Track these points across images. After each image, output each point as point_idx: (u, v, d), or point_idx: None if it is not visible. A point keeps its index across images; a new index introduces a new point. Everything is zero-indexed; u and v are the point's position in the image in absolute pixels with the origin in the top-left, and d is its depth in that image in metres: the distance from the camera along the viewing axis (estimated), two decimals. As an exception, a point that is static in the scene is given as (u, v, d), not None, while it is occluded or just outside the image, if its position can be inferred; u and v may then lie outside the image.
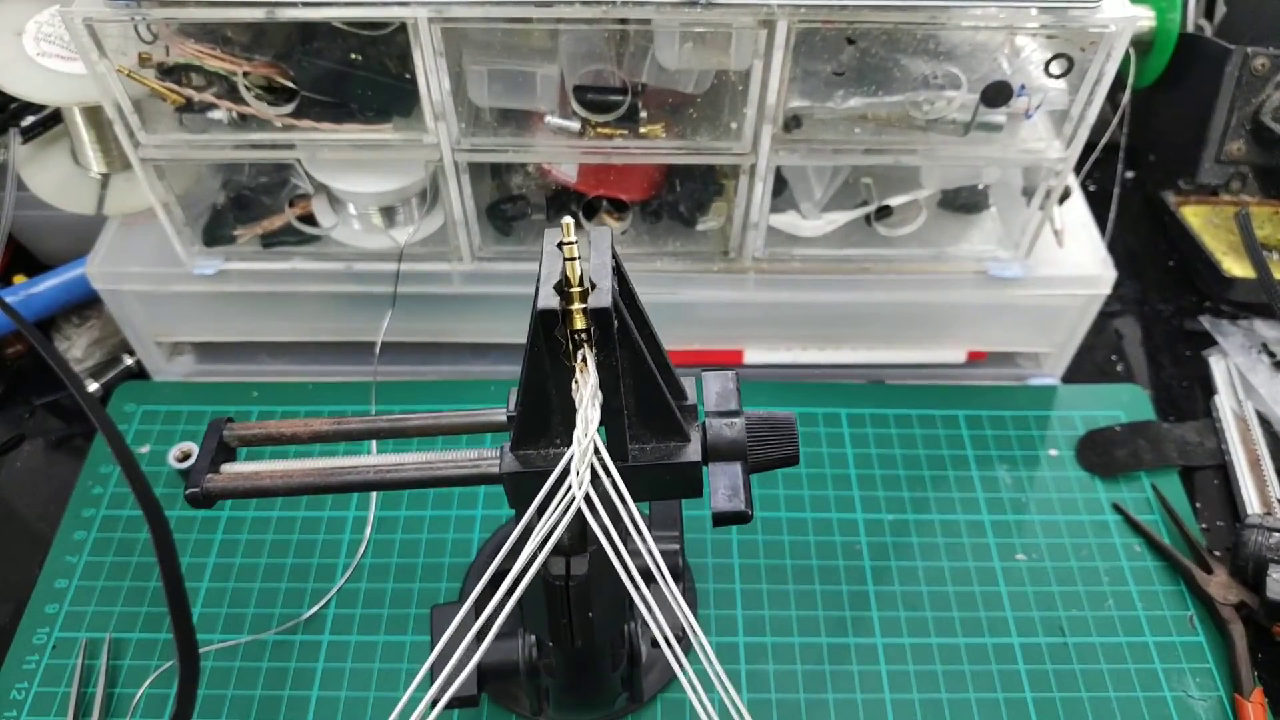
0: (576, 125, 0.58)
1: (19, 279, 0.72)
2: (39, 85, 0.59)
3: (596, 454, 0.32)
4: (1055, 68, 0.56)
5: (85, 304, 0.72)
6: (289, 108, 0.57)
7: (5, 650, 0.57)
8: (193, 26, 0.54)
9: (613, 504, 0.33)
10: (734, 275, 0.66)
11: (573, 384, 0.34)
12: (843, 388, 0.71)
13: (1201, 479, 0.66)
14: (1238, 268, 0.74)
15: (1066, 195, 0.68)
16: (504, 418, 0.41)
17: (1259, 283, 0.70)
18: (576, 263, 0.32)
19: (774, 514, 0.63)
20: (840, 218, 0.65)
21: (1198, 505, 0.65)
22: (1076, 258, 0.66)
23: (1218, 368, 0.72)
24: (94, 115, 0.63)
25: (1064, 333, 0.69)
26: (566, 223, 0.31)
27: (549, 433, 0.37)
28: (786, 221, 0.64)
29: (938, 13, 0.52)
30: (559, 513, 0.32)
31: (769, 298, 0.66)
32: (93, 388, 0.70)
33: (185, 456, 0.63)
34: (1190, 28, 0.74)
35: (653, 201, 0.64)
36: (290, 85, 0.56)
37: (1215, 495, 0.65)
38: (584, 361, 0.33)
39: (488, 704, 0.55)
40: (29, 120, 0.66)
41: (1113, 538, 0.63)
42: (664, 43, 0.54)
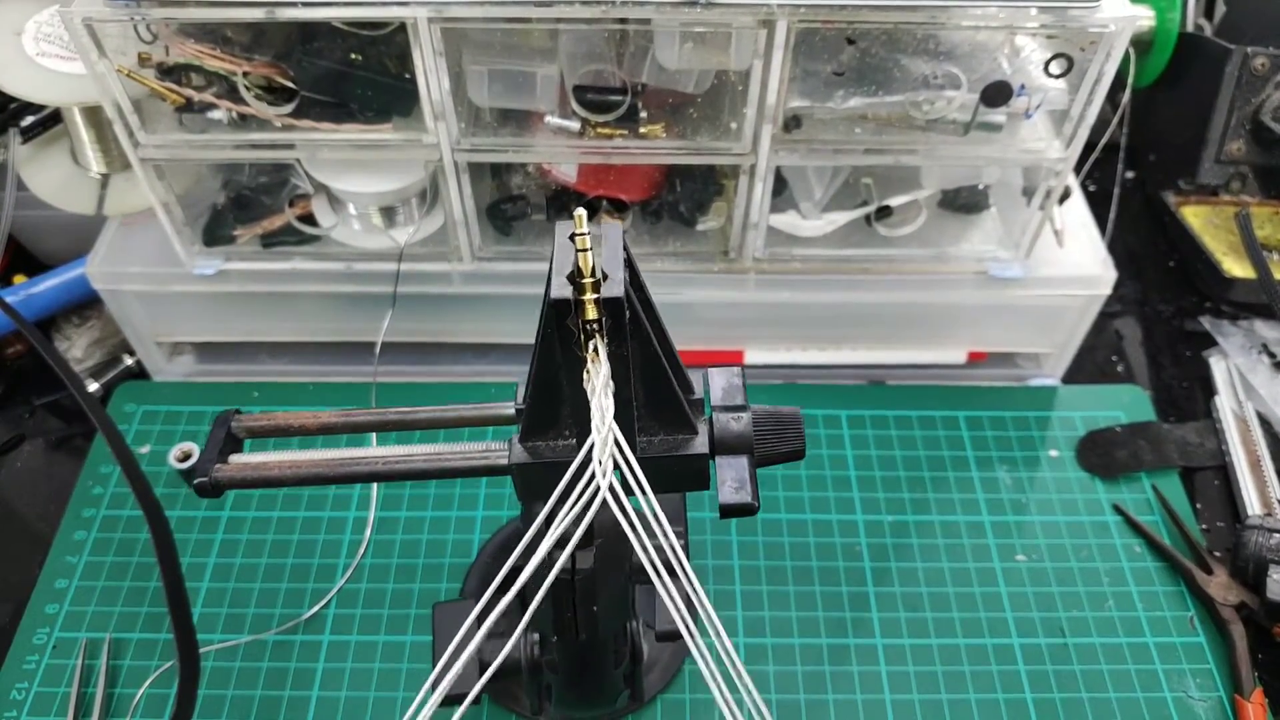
0: (576, 125, 0.58)
1: (19, 279, 0.71)
2: (39, 85, 0.59)
3: (615, 444, 0.32)
4: (1055, 68, 0.56)
5: (85, 304, 0.72)
6: (289, 108, 0.57)
7: (5, 650, 0.57)
8: (193, 26, 0.54)
9: (629, 494, 0.33)
10: (734, 275, 0.66)
11: (584, 374, 0.34)
12: (842, 389, 0.71)
13: (1202, 480, 0.66)
14: (1238, 268, 0.74)
15: (1066, 195, 0.68)
16: (511, 411, 0.41)
17: (1259, 283, 0.70)
18: (589, 254, 0.32)
19: (774, 516, 0.63)
20: (840, 218, 0.65)
21: (1198, 506, 0.65)
22: (1076, 258, 0.66)
23: (1218, 368, 0.72)
24: (94, 115, 0.63)
25: (1064, 333, 0.69)
26: (580, 214, 0.31)
27: (558, 424, 0.37)
28: (786, 221, 0.64)
29: (938, 13, 0.52)
30: (582, 503, 0.32)
31: (769, 298, 0.66)
32: (93, 388, 0.70)
33: (186, 456, 0.63)
34: (1190, 28, 0.74)
35: (653, 202, 0.64)
36: (290, 85, 0.56)
37: (1215, 496, 0.65)
38: (595, 352, 0.33)
39: (488, 703, 0.55)
40: (29, 120, 0.66)
41: (1113, 538, 0.63)
42: (664, 43, 0.54)
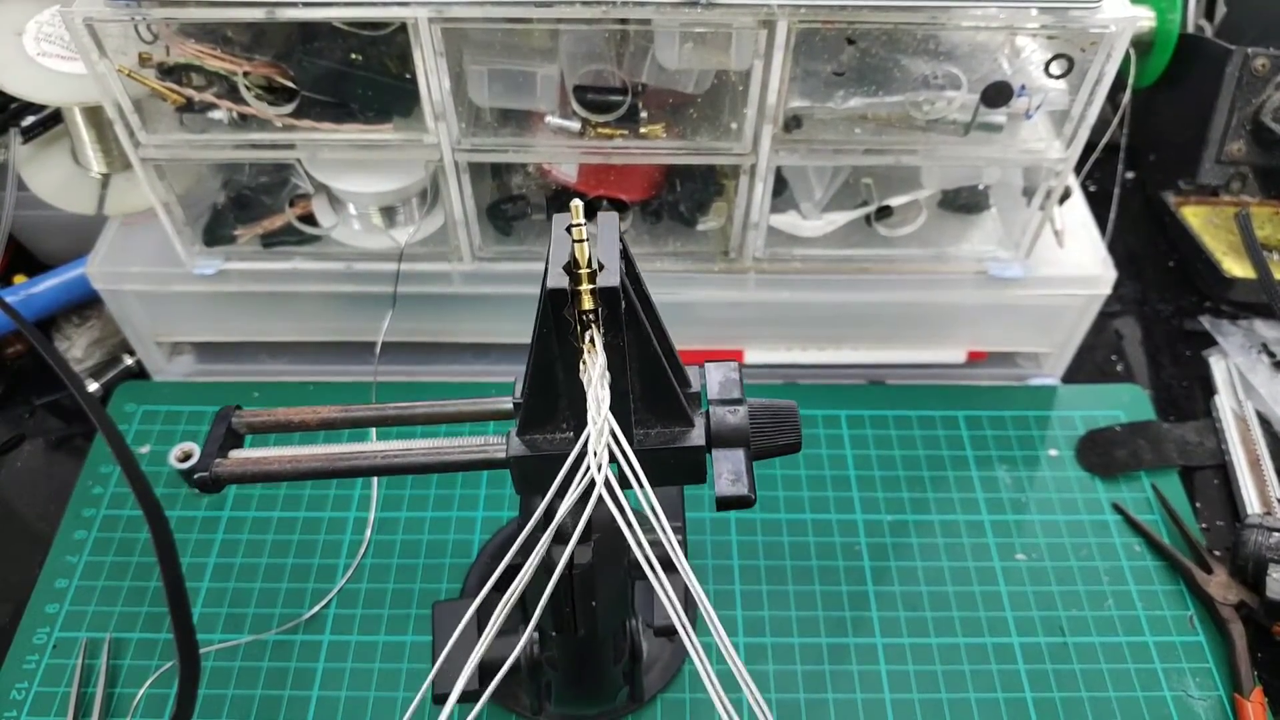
0: (576, 125, 0.58)
1: (19, 279, 0.71)
2: (39, 85, 0.59)
3: (611, 435, 0.32)
4: (1055, 68, 0.56)
5: (85, 304, 0.72)
6: (289, 108, 0.57)
7: (5, 650, 0.57)
8: (193, 26, 0.54)
9: (625, 487, 0.33)
10: (734, 275, 0.66)
11: (580, 365, 0.34)
12: (842, 389, 0.71)
13: (1201, 479, 0.66)
14: (1238, 268, 0.74)
15: (1067, 195, 0.68)
16: (510, 405, 0.41)
17: (1259, 283, 0.70)
18: (585, 244, 0.32)
19: (773, 515, 0.63)
20: (840, 218, 0.65)
21: (1198, 505, 0.65)
22: (1076, 258, 0.66)
23: (1218, 368, 0.72)
24: (94, 115, 0.63)
25: (1064, 333, 0.69)
26: (576, 205, 0.31)
27: (556, 417, 0.37)
28: (787, 221, 0.64)
29: (938, 13, 0.52)
30: (578, 494, 0.32)
31: (769, 298, 0.66)
32: (93, 388, 0.70)
33: (186, 456, 0.63)
34: (1190, 28, 0.74)
35: (653, 202, 0.64)
36: (290, 85, 0.56)
37: (1215, 495, 0.65)
38: (592, 342, 0.33)
39: (487, 704, 0.55)
40: (29, 120, 0.66)
41: (1113, 538, 0.63)
42: (664, 43, 0.54)
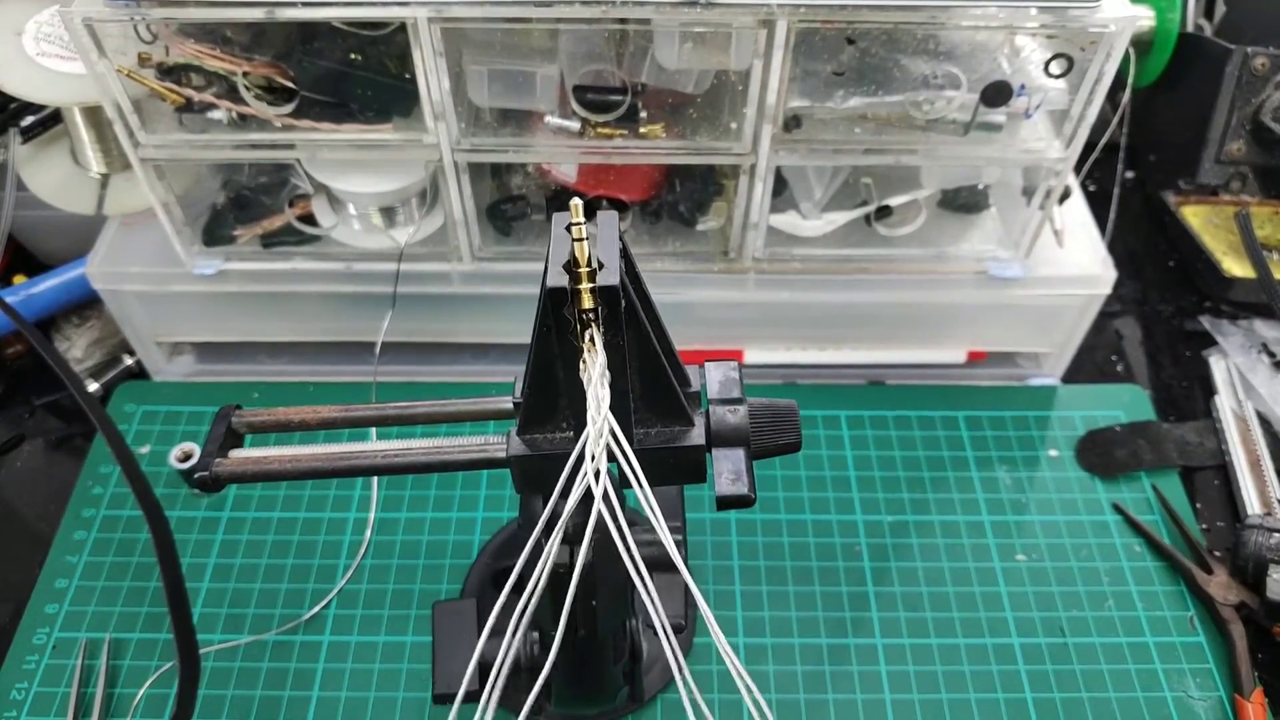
0: (576, 125, 0.58)
1: (19, 279, 0.71)
2: (39, 85, 0.59)
3: (611, 434, 0.32)
4: (1055, 68, 0.56)
5: (85, 304, 0.71)
6: (289, 108, 0.57)
7: (5, 650, 0.57)
8: (193, 26, 0.54)
9: (625, 486, 0.32)
10: (734, 275, 0.66)
11: (580, 364, 0.34)
12: (842, 389, 0.71)
13: (1202, 479, 0.66)
14: (1238, 268, 0.74)
15: (1066, 195, 0.68)
16: (510, 405, 0.41)
17: (1259, 283, 0.70)
18: (585, 244, 0.32)
19: (773, 516, 0.63)
20: (840, 218, 0.65)
21: (1198, 505, 0.65)
22: (1076, 258, 0.66)
23: (1218, 368, 0.72)
24: (94, 115, 0.63)
25: (1064, 333, 0.69)
26: (575, 204, 0.31)
27: (556, 416, 0.37)
28: (786, 221, 0.64)
29: (938, 13, 0.52)
30: (581, 495, 0.32)
31: (769, 298, 0.66)
32: (93, 388, 0.70)
33: (186, 457, 0.63)
34: (1190, 28, 0.74)
35: (653, 202, 0.64)
36: (290, 85, 0.56)
37: (1215, 495, 0.65)
38: (592, 341, 0.33)
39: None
40: (29, 120, 0.66)
41: (1113, 538, 0.63)
42: (664, 43, 0.54)
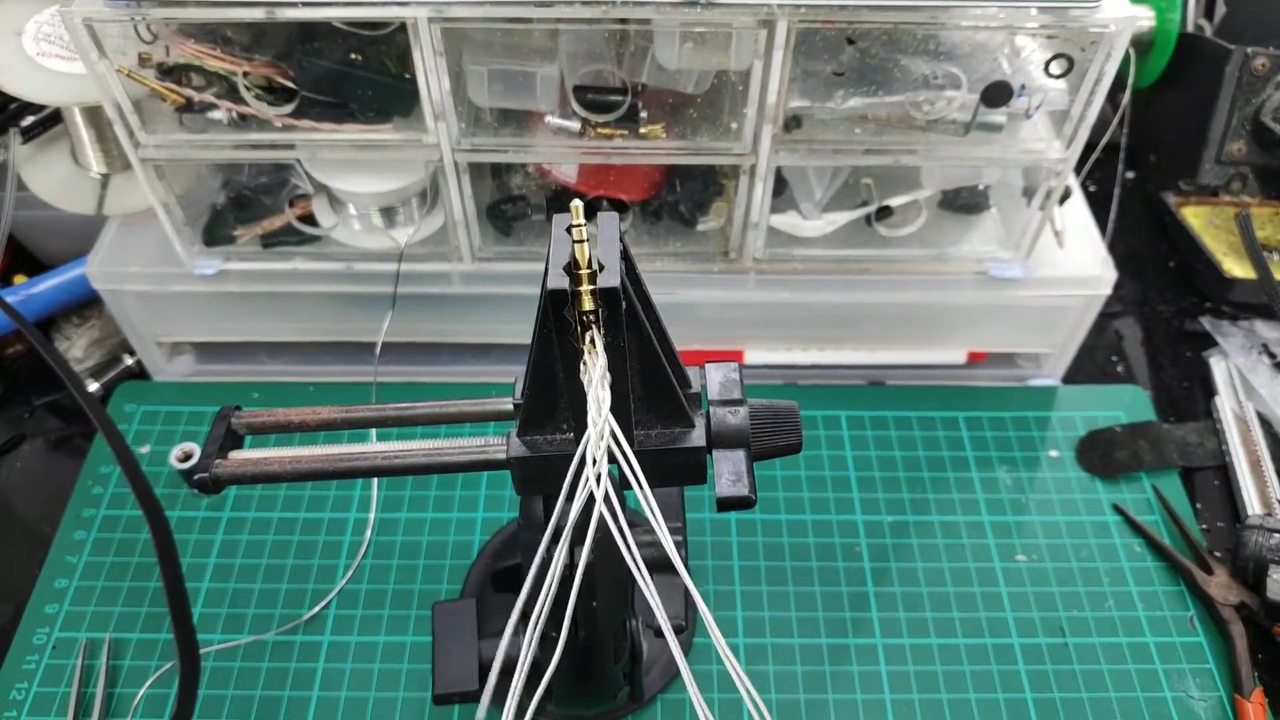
0: (576, 125, 0.58)
1: (19, 279, 0.71)
2: (39, 85, 0.59)
3: (612, 436, 0.32)
4: (1055, 68, 0.56)
5: (85, 304, 0.71)
6: (289, 108, 0.57)
7: (5, 650, 0.57)
8: (193, 26, 0.54)
9: (625, 487, 0.32)
10: (734, 275, 0.66)
11: (581, 366, 0.34)
12: (842, 389, 0.71)
13: (1202, 480, 0.66)
14: (1238, 268, 0.74)
15: (1067, 196, 0.68)
16: (510, 406, 0.41)
17: (1259, 283, 0.70)
18: (585, 245, 0.32)
19: (774, 516, 0.63)
20: (840, 218, 0.65)
21: (1198, 506, 0.65)
22: (1077, 258, 0.66)
23: (1218, 368, 0.72)
24: (94, 115, 0.63)
25: (1064, 333, 0.69)
26: (576, 205, 0.31)
27: (556, 418, 0.37)
28: (786, 222, 0.64)
29: (938, 13, 0.52)
30: (585, 497, 0.32)
31: (769, 298, 0.66)
32: (93, 388, 0.70)
33: (186, 457, 0.63)
34: (1190, 28, 0.74)
35: (653, 202, 0.64)
36: (290, 85, 0.56)
37: (1216, 496, 0.65)
38: (592, 343, 0.33)
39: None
40: (29, 120, 0.66)
41: (1113, 538, 0.63)
42: (664, 43, 0.54)
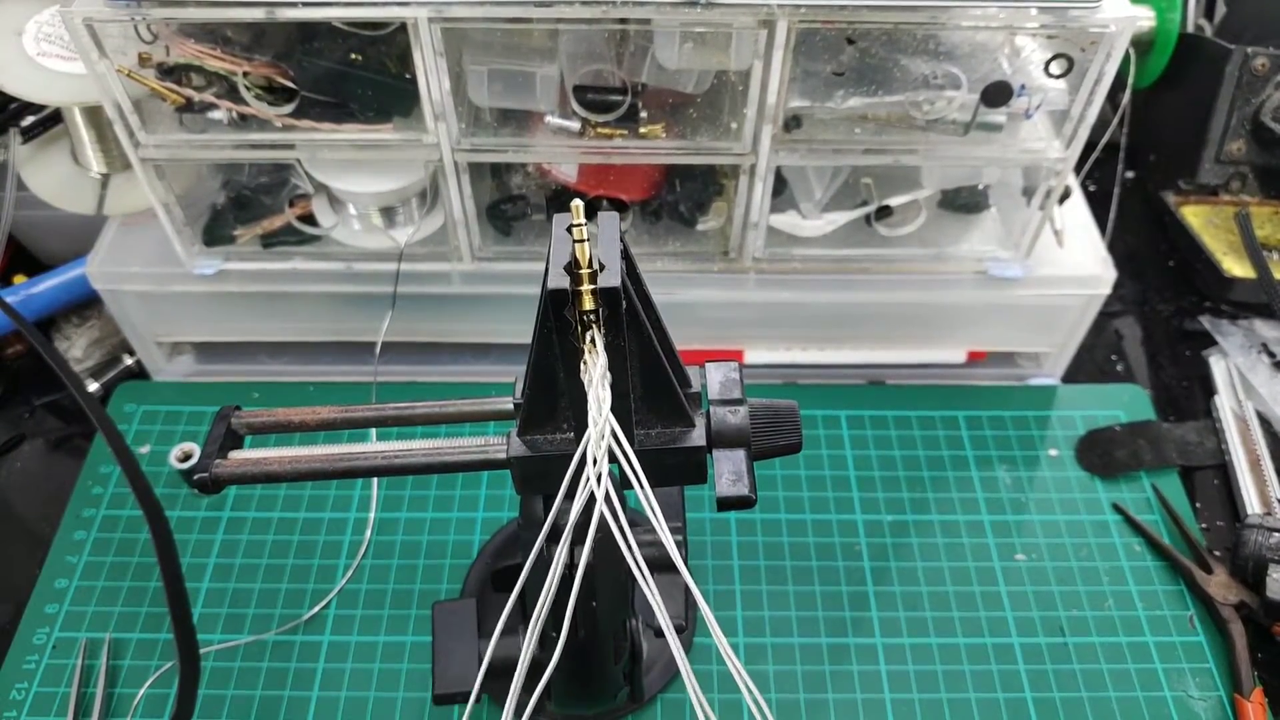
0: (576, 125, 0.58)
1: (19, 279, 0.71)
2: (39, 85, 0.59)
3: (612, 435, 0.32)
4: (1055, 68, 0.56)
5: (85, 304, 0.71)
6: (289, 108, 0.57)
7: (5, 650, 0.57)
8: (193, 26, 0.54)
9: (626, 487, 0.32)
10: (734, 275, 0.66)
11: (581, 366, 0.34)
12: (842, 389, 0.71)
13: (1201, 479, 0.66)
14: (1238, 268, 0.74)
15: (1066, 195, 0.68)
16: (510, 405, 0.41)
17: (1259, 283, 0.70)
18: (586, 244, 0.32)
19: (773, 516, 0.63)
20: (840, 218, 0.65)
21: (1198, 505, 0.65)
22: (1076, 258, 0.66)
23: (1218, 368, 0.72)
24: (94, 115, 0.63)
25: (1064, 333, 0.69)
26: (576, 205, 0.31)
27: (556, 417, 0.37)
28: (786, 221, 0.64)
29: (938, 13, 0.52)
30: (586, 498, 0.32)
31: (769, 298, 0.66)
32: (93, 388, 0.70)
33: (186, 457, 0.63)
34: (1190, 28, 0.74)
35: (653, 201, 0.64)
36: (290, 85, 0.56)
37: (1215, 495, 0.65)
38: (593, 343, 0.33)
39: (487, 703, 0.55)
40: (29, 120, 0.66)
41: (1113, 538, 0.63)
42: (664, 43, 0.54)
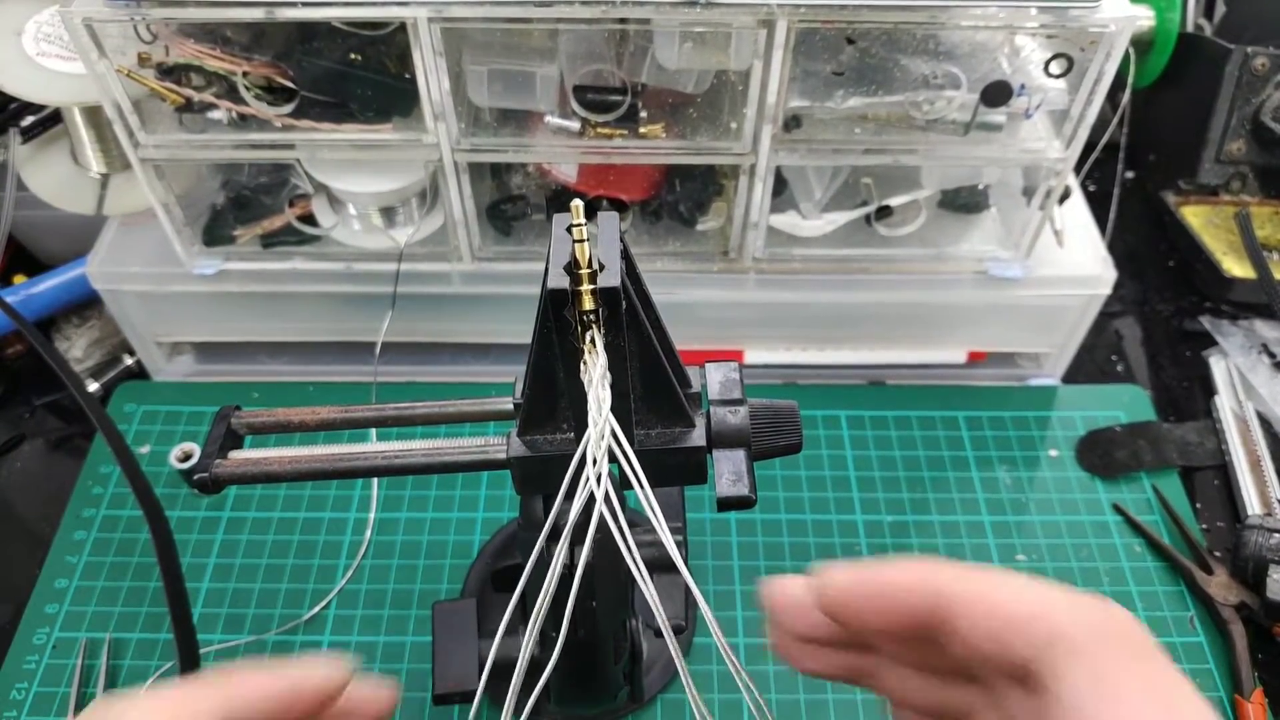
0: (576, 125, 0.58)
1: (19, 279, 0.71)
2: (39, 85, 0.59)
3: (612, 435, 0.32)
4: (1055, 67, 0.56)
5: (85, 304, 0.71)
6: (289, 108, 0.57)
7: (5, 650, 0.57)
8: (192, 26, 0.54)
9: (625, 487, 0.32)
10: (734, 275, 0.66)
11: (581, 366, 0.34)
12: (842, 389, 0.71)
13: (1202, 479, 0.66)
14: (1238, 268, 0.74)
15: (1066, 195, 0.68)
16: (510, 406, 0.41)
17: (1259, 283, 0.70)
18: (586, 244, 0.32)
19: (773, 516, 0.63)
20: (840, 218, 0.65)
21: (1198, 506, 0.65)
22: (1076, 258, 0.66)
23: (1218, 368, 0.72)
24: (94, 115, 0.63)
25: (1064, 333, 0.69)
26: (576, 205, 0.31)
27: (556, 417, 0.37)
28: (786, 221, 0.64)
29: (938, 13, 0.52)
30: (586, 498, 0.32)
31: (769, 298, 0.66)
32: (93, 388, 0.70)
33: (186, 457, 0.63)
34: (1190, 27, 0.74)
35: (653, 201, 0.64)
36: (290, 85, 0.56)
37: (1215, 496, 0.65)
38: (592, 343, 0.33)
39: (487, 704, 0.55)
40: (29, 120, 0.66)
41: (1113, 538, 0.63)
42: (664, 43, 0.54)
